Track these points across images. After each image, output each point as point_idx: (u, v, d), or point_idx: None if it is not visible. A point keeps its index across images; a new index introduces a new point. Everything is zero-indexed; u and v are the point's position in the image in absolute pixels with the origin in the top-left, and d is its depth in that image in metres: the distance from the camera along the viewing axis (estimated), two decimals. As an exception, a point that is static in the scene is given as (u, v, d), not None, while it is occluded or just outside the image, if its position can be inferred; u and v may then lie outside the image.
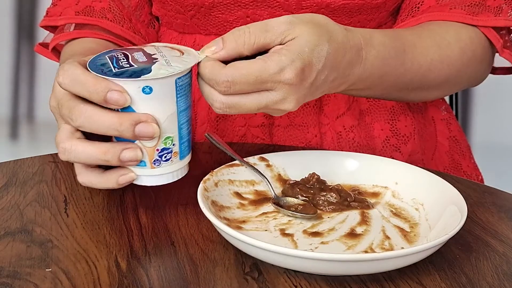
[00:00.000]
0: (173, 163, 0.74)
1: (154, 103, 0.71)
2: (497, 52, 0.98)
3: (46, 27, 1.06)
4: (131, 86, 0.70)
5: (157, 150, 0.73)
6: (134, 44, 1.03)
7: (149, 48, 0.75)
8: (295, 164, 0.84)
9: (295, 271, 0.68)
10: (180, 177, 0.76)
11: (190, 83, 0.74)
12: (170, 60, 0.73)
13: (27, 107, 3.09)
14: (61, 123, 0.74)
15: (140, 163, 0.73)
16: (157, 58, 0.73)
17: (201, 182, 0.76)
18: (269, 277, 0.67)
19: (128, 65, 0.71)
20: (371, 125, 1.01)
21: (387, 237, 0.73)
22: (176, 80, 0.71)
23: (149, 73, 0.70)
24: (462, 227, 0.69)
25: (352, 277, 0.67)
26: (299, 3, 0.94)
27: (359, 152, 0.95)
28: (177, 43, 1.04)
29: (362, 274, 0.67)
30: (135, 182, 0.75)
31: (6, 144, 2.93)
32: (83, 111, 0.71)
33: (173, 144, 0.73)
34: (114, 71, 0.71)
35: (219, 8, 0.96)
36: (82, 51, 0.92)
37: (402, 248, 0.71)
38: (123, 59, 0.73)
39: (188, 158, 0.76)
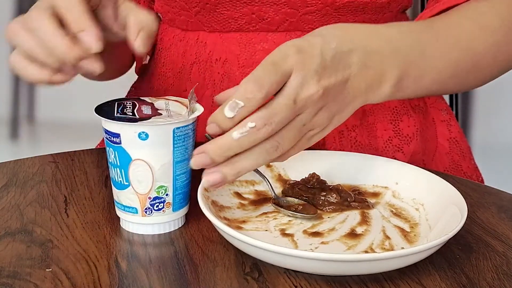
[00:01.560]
0: (165, 213, 0.74)
1: (149, 150, 0.71)
2: None
3: None
4: (128, 130, 0.71)
5: (149, 198, 0.73)
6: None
7: (160, 103, 0.77)
8: (295, 164, 0.84)
9: (295, 271, 0.68)
10: (173, 230, 0.75)
11: (192, 136, 0.73)
12: (174, 113, 0.74)
13: (27, 108, 3.09)
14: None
15: (131, 209, 0.73)
16: (161, 114, 0.74)
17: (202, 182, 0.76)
18: (269, 277, 0.67)
19: (131, 114, 0.73)
20: (374, 125, 1.01)
21: (387, 237, 0.73)
22: (174, 129, 0.71)
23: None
24: (462, 227, 0.69)
25: (352, 277, 0.67)
26: (305, 0, 0.94)
27: (361, 151, 0.95)
28: (180, 41, 1.04)
29: (362, 274, 0.67)
30: (124, 227, 0.75)
31: (6, 144, 2.93)
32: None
33: (167, 194, 0.73)
34: (115, 115, 0.72)
35: (225, 5, 0.96)
36: None
37: (403, 248, 0.71)
38: (129, 107, 0.75)
39: (183, 211, 0.75)
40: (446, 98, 1.24)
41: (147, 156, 0.71)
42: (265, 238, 0.72)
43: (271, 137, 0.69)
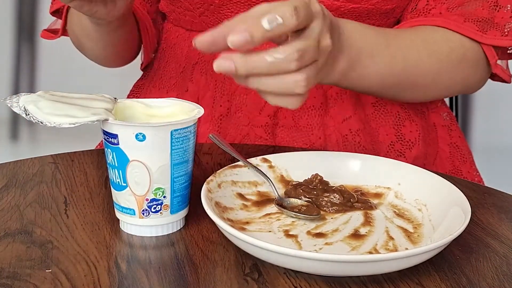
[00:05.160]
0: (163, 216, 0.74)
1: (147, 151, 0.71)
2: (491, 66, 0.98)
3: (54, 15, 1.07)
4: (125, 131, 0.70)
5: (147, 199, 0.72)
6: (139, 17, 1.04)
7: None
8: (297, 165, 0.84)
9: (295, 272, 0.67)
10: (171, 232, 0.75)
11: (192, 138, 0.73)
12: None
13: (27, 108, 3.09)
14: None
15: (129, 210, 0.73)
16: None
17: (205, 183, 0.76)
18: (269, 278, 0.67)
19: None
20: (376, 130, 1.01)
21: (391, 238, 0.73)
22: (172, 131, 0.71)
23: None
24: (462, 228, 0.69)
25: (352, 278, 0.67)
26: None
27: None
28: (184, 41, 1.04)
29: (366, 275, 0.67)
30: (123, 229, 0.75)
31: (6, 145, 2.93)
32: None
33: (164, 197, 0.73)
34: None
35: (229, 6, 0.96)
36: None
37: (406, 249, 0.71)
38: None
39: (181, 214, 0.75)
40: (446, 100, 1.24)
41: (144, 157, 0.71)
42: (269, 239, 0.72)
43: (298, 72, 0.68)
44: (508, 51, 1.00)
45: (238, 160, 0.83)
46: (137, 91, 1.14)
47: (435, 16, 0.96)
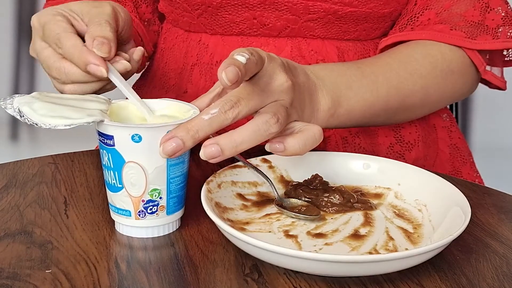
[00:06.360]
0: (159, 217, 0.73)
1: (142, 152, 0.71)
2: (480, 73, 0.98)
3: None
4: (121, 133, 0.70)
5: (143, 201, 0.72)
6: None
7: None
8: (297, 166, 0.84)
9: (295, 273, 0.67)
10: (167, 233, 0.74)
11: None
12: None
13: (27, 108, 3.09)
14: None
15: (125, 212, 0.73)
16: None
17: (205, 183, 0.76)
18: (269, 278, 0.67)
19: None
20: (376, 132, 1.01)
21: (391, 238, 0.73)
22: (168, 132, 0.70)
23: None
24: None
25: (352, 278, 0.67)
26: (307, 8, 0.94)
27: None
28: (183, 41, 1.04)
29: (366, 275, 0.67)
30: (118, 230, 0.75)
31: (6, 145, 2.93)
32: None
33: (160, 198, 0.73)
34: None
35: (227, 9, 0.96)
36: None
37: (406, 249, 0.71)
38: None
39: (177, 215, 0.75)
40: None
41: (140, 158, 0.71)
42: (269, 240, 0.72)
43: (269, 110, 0.72)
44: (505, 58, 0.99)
45: (238, 161, 0.83)
46: (136, 92, 1.14)
47: (422, 25, 0.95)
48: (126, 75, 0.82)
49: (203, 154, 0.69)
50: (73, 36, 0.78)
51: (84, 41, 0.78)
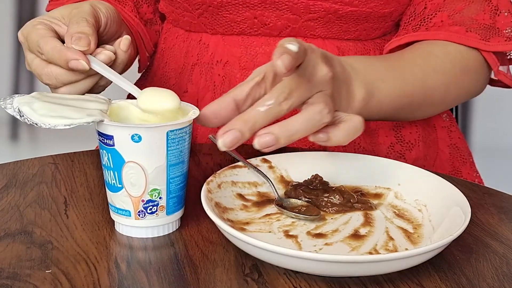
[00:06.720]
0: (159, 217, 0.73)
1: (142, 152, 0.71)
2: (493, 73, 0.99)
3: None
4: (121, 133, 0.70)
5: (142, 201, 0.72)
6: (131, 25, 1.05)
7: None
8: (297, 166, 0.84)
9: (295, 273, 0.67)
10: (167, 233, 0.74)
11: (187, 139, 0.73)
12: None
13: (27, 108, 3.08)
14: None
15: (124, 212, 0.73)
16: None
17: (205, 183, 0.76)
18: (269, 278, 0.67)
19: None
20: (376, 131, 1.01)
21: (391, 238, 0.73)
22: (167, 132, 0.70)
23: None
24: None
25: (352, 278, 0.67)
26: (308, 7, 0.94)
27: None
28: (183, 41, 1.04)
29: (366, 275, 0.67)
30: (118, 230, 0.75)
31: (6, 145, 2.93)
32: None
33: (160, 198, 0.73)
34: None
35: (227, 8, 0.96)
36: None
37: (406, 249, 0.71)
38: None
39: (177, 215, 0.75)
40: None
41: (140, 158, 0.71)
42: (269, 240, 0.72)
43: (319, 100, 0.72)
44: (508, 57, 1.00)
45: (238, 161, 0.83)
46: None
47: (436, 26, 0.96)
48: (118, 67, 0.83)
49: (257, 143, 0.69)
50: (50, 39, 0.80)
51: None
